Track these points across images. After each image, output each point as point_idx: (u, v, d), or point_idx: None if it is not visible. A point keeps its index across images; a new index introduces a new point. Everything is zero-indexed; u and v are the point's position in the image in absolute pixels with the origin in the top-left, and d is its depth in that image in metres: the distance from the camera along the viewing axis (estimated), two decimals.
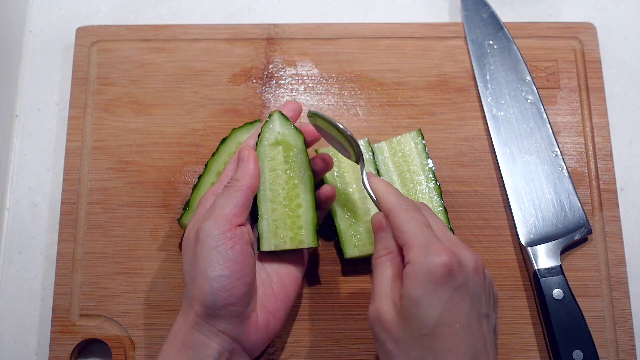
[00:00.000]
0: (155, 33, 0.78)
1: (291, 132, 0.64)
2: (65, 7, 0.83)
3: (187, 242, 0.60)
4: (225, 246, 0.57)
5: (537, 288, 0.67)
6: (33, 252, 0.73)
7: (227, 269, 0.57)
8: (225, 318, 0.57)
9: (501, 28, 0.77)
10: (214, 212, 0.59)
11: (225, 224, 0.58)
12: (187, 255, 0.59)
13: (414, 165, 0.70)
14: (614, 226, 0.71)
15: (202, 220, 0.59)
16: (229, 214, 0.58)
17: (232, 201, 0.59)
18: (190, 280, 0.58)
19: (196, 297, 0.57)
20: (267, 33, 0.78)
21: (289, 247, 0.62)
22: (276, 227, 0.62)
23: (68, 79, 0.78)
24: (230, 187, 0.60)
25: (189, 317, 0.58)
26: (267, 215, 0.62)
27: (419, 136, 0.71)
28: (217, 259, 0.57)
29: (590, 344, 0.65)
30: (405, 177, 0.70)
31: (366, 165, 0.69)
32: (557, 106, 0.76)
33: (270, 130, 0.64)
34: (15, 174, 0.76)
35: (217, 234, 0.57)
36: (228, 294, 0.57)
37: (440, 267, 0.52)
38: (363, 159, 0.63)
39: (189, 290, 0.58)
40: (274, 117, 0.64)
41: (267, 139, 0.64)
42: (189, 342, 0.57)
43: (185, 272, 0.60)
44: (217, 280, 0.56)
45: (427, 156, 0.70)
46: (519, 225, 0.70)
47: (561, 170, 0.72)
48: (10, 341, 0.71)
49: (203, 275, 0.57)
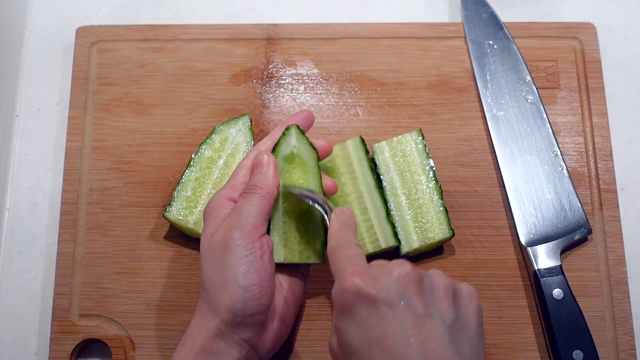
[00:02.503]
0: (155, 33, 0.78)
1: (306, 148, 0.64)
2: (65, 7, 0.83)
3: (211, 248, 0.59)
4: (255, 255, 0.57)
5: (537, 288, 0.67)
6: (33, 252, 0.73)
7: (258, 278, 0.57)
8: (250, 326, 0.57)
9: (501, 28, 0.77)
10: (240, 220, 0.58)
11: (254, 232, 0.58)
12: (211, 261, 0.58)
13: (414, 165, 0.70)
14: (614, 226, 0.71)
15: (230, 228, 0.58)
16: (256, 222, 0.58)
17: (257, 209, 0.59)
18: (217, 288, 0.57)
19: (224, 304, 0.56)
20: (267, 33, 0.78)
21: (297, 261, 0.62)
22: (286, 239, 0.62)
23: (68, 79, 0.78)
24: (253, 194, 0.59)
25: (212, 324, 0.57)
26: (279, 227, 0.62)
27: (419, 136, 0.71)
28: (248, 267, 0.57)
29: (590, 344, 0.65)
30: (406, 177, 0.70)
31: (363, 165, 0.69)
32: (557, 106, 0.76)
33: (287, 143, 0.64)
34: (15, 174, 0.76)
35: (248, 242, 0.57)
36: (257, 302, 0.57)
37: (342, 292, 0.51)
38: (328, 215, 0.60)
39: (213, 297, 0.57)
40: (292, 130, 0.64)
41: (283, 152, 0.64)
42: (209, 349, 0.57)
43: (206, 278, 0.59)
44: (249, 289, 0.56)
45: (428, 156, 0.70)
46: (519, 225, 0.70)
47: (561, 170, 0.72)
48: (10, 341, 0.71)
49: (234, 284, 0.56)
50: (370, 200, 0.68)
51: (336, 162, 0.70)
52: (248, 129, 0.71)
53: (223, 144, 0.70)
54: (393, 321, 0.49)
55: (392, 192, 0.69)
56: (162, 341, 0.68)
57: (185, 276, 0.70)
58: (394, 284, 0.50)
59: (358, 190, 0.69)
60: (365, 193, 0.68)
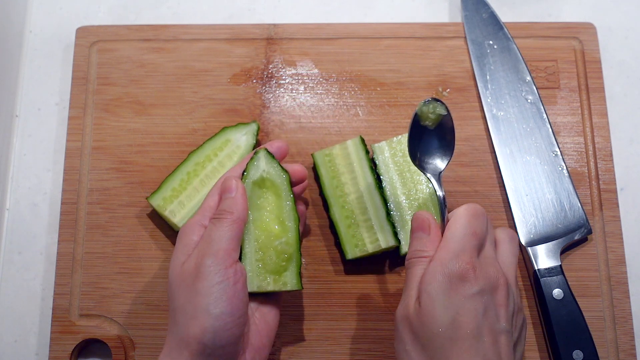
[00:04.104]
0: (155, 33, 0.78)
1: (277, 171, 0.63)
2: (65, 7, 0.83)
3: (182, 277, 0.57)
4: (228, 282, 0.55)
5: (537, 288, 0.67)
6: (33, 252, 0.73)
7: (230, 307, 0.55)
8: (220, 357, 0.55)
9: (501, 28, 0.77)
10: (211, 246, 0.56)
11: (227, 258, 0.56)
12: (181, 290, 0.56)
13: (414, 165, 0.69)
14: (614, 226, 0.71)
15: (201, 255, 0.56)
16: (227, 248, 0.57)
17: (227, 234, 0.57)
18: (187, 318, 0.55)
19: (194, 335, 0.54)
20: (267, 33, 0.78)
21: (272, 289, 0.60)
22: (259, 267, 0.61)
23: (68, 79, 0.78)
24: (223, 220, 0.58)
25: (181, 359, 0.55)
26: (251, 254, 0.60)
27: None
28: (220, 295, 0.55)
29: (590, 344, 0.65)
30: (406, 177, 0.70)
31: (363, 165, 0.69)
32: (557, 106, 0.76)
33: (256, 167, 0.62)
34: (15, 174, 0.76)
35: (220, 269, 0.55)
36: (229, 333, 0.55)
37: (456, 271, 0.55)
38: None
39: (182, 328, 0.55)
40: (260, 154, 0.63)
41: (252, 176, 0.62)
42: None
43: (176, 308, 0.56)
44: (220, 318, 0.54)
45: None
46: (519, 225, 0.70)
47: (561, 170, 0.72)
48: (10, 341, 0.71)
49: (205, 312, 0.54)
50: (370, 200, 0.68)
51: (336, 162, 0.70)
52: (252, 135, 0.71)
53: (224, 145, 0.70)
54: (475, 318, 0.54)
55: (392, 192, 0.69)
56: (162, 341, 0.67)
57: None
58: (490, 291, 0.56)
59: (358, 190, 0.69)
60: (365, 193, 0.68)
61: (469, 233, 0.57)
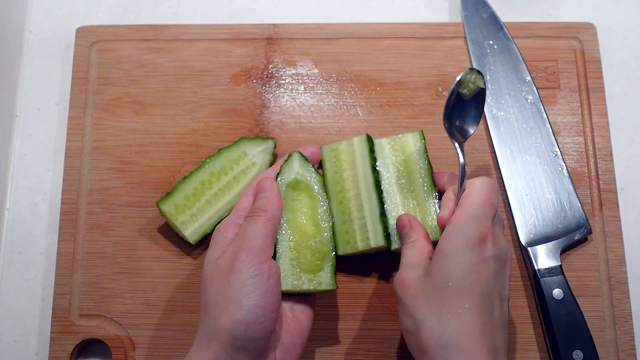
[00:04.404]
0: (155, 33, 0.78)
1: (310, 173, 0.64)
2: (65, 7, 0.83)
3: (216, 271, 0.58)
4: (262, 277, 0.56)
5: (537, 288, 0.68)
6: (33, 252, 0.73)
7: (263, 300, 0.55)
8: (250, 352, 0.55)
9: (501, 28, 0.77)
10: (246, 242, 0.57)
11: (261, 255, 0.57)
12: (214, 284, 0.57)
13: (412, 164, 0.69)
14: (614, 226, 0.71)
15: (236, 251, 0.57)
16: (262, 245, 0.58)
17: (262, 231, 0.58)
18: (219, 309, 0.56)
19: (225, 326, 0.55)
20: (267, 33, 0.78)
21: (306, 288, 0.61)
22: (294, 266, 0.61)
23: (68, 79, 0.78)
24: (258, 217, 0.59)
25: (210, 351, 0.55)
26: (286, 254, 0.61)
27: (420, 137, 0.70)
28: (253, 288, 0.55)
29: (590, 344, 0.65)
30: (402, 175, 0.69)
31: (365, 163, 0.69)
32: (557, 106, 0.76)
33: (290, 169, 0.64)
34: (15, 174, 0.76)
35: (254, 264, 0.56)
36: (261, 327, 0.55)
37: (476, 233, 0.57)
38: None
39: (213, 320, 0.56)
40: (294, 157, 0.65)
41: (286, 178, 0.64)
42: None
43: (208, 301, 0.57)
44: (252, 311, 0.55)
45: (427, 157, 0.69)
46: (519, 225, 0.70)
47: (561, 170, 0.72)
48: (10, 341, 0.71)
49: (237, 304, 0.55)
50: (367, 199, 0.67)
51: (341, 157, 0.70)
52: (269, 153, 0.71)
53: (240, 158, 0.70)
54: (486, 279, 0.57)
55: (388, 189, 0.69)
56: (162, 341, 0.68)
57: (185, 276, 0.70)
58: (503, 260, 0.59)
59: (357, 188, 0.68)
60: (364, 191, 0.68)
61: (488, 202, 0.60)
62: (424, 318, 0.56)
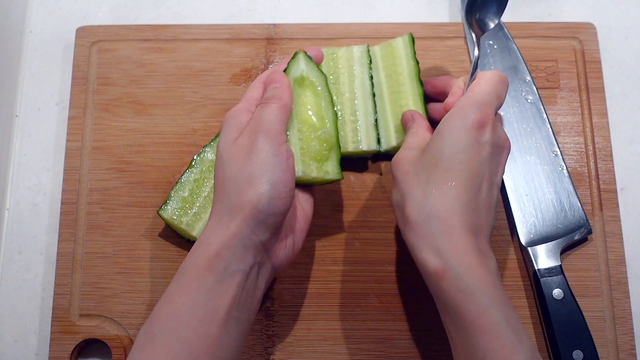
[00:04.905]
0: (155, 33, 0.78)
1: (315, 71, 0.66)
2: (65, 7, 0.83)
3: (235, 150, 0.58)
4: (282, 156, 0.57)
5: (537, 288, 0.68)
6: (33, 252, 0.73)
7: (284, 177, 0.57)
8: (269, 227, 0.56)
9: (501, 28, 0.77)
10: (264, 125, 0.58)
11: (279, 137, 0.58)
12: (234, 162, 0.57)
13: (401, 67, 0.72)
14: (614, 226, 0.71)
15: (254, 132, 0.58)
16: (278, 128, 0.59)
17: (277, 117, 0.59)
18: (241, 185, 0.56)
19: (249, 199, 0.55)
20: (267, 33, 0.78)
21: (315, 175, 0.63)
22: (303, 154, 0.63)
23: (68, 79, 0.78)
24: (272, 104, 0.60)
25: (232, 224, 0.56)
26: (295, 142, 0.63)
27: (409, 40, 0.73)
28: (275, 166, 0.56)
29: (590, 344, 0.65)
30: (392, 79, 0.72)
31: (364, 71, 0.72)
32: (557, 106, 0.76)
33: (296, 67, 0.65)
34: (15, 174, 0.76)
35: (274, 144, 0.57)
36: (282, 202, 0.56)
37: (476, 118, 0.58)
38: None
39: (235, 195, 0.56)
40: (299, 55, 0.65)
41: (293, 73, 0.64)
42: (224, 254, 0.55)
43: (227, 178, 0.57)
44: (275, 187, 0.56)
45: (415, 60, 0.72)
46: (519, 225, 0.70)
47: (561, 170, 0.72)
48: (10, 341, 0.71)
49: (261, 179, 0.56)
50: (362, 105, 0.71)
51: (339, 62, 0.72)
52: None
53: None
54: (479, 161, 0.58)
55: (378, 93, 0.72)
56: None
57: None
58: (500, 146, 0.61)
59: (353, 92, 0.71)
60: (360, 97, 0.71)
61: (495, 92, 0.61)
62: (410, 190, 0.59)
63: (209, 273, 0.55)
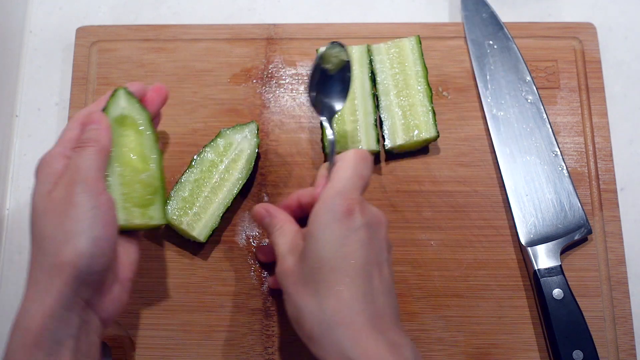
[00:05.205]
0: (155, 33, 0.78)
1: (137, 109, 0.63)
2: (65, 7, 0.83)
3: (50, 206, 0.54)
4: (102, 208, 0.54)
5: (537, 288, 0.68)
6: None
7: (105, 231, 0.54)
8: (92, 286, 0.54)
9: (501, 28, 0.77)
10: (80, 174, 0.55)
11: (96, 186, 0.55)
12: (49, 218, 0.54)
13: (408, 67, 0.73)
14: (614, 226, 0.71)
15: (71, 183, 0.55)
16: (95, 177, 0.56)
17: (95, 164, 0.56)
18: (58, 244, 0.53)
19: (68, 260, 0.52)
20: (267, 33, 0.78)
21: (139, 222, 0.60)
22: (125, 200, 0.60)
23: (68, 79, 0.78)
24: (88, 148, 0.57)
25: (52, 288, 0.52)
26: (117, 189, 0.60)
27: (416, 42, 0.74)
28: (95, 220, 0.53)
29: (590, 344, 0.65)
30: (398, 79, 0.73)
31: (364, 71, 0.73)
32: (557, 106, 0.76)
33: (116, 105, 0.62)
34: (15, 174, 0.76)
35: (92, 196, 0.54)
36: (104, 258, 0.54)
37: (342, 207, 0.56)
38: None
39: (52, 256, 0.53)
40: (119, 92, 0.62)
41: (112, 112, 0.62)
42: (48, 323, 0.52)
43: (44, 237, 0.54)
44: (96, 243, 0.53)
45: (423, 61, 0.73)
46: (519, 225, 0.70)
47: (561, 170, 0.72)
48: None
49: (80, 236, 0.52)
50: (362, 104, 0.72)
51: None
52: (254, 136, 0.71)
53: (227, 149, 0.70)
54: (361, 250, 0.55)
55: (384, 91, 0.72)
56: (162, 341, 0.68)
57: (185, 276, 0.70)
58: (375, 226, 0.58)
59: (352, 92, 0.72)
60: (360, 97, 0.72)
61: (356, 175, 0.59)
62: (304, 303, 0.55)
63: (37, 350, 0.51)
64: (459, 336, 0.68)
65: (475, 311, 0.69)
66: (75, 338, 0.53)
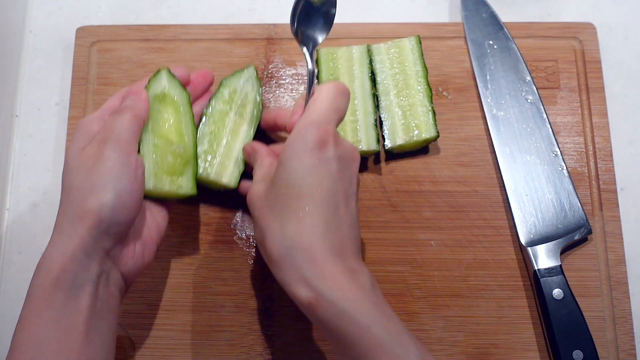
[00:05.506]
0: (155, 33, 0.78)
1: (177, 89, 0.65)
2: (65, 7, 0.83)
3: (82, 160, 0.57)
4: (130, 166, 0.57)
5: (537, 288, 0.68)
6: (33, 252, 0.73)
7: (130, 186, 0.56)
8: (113, 236, 0.56)
9: (501, 28, 0.77)
10: (114, 134, 0.58)
11: (128, 147, 0.58)
12: (80, 172, 0.56)
13: (408, 67, 0.73)
14: (614, 226, 0.71)
15: (103, 141, 0.57)
16: (128, 138, 0.58)
17: (129, 127, 0.58)
18: (84, 193, 0.55)
19: (91, 208, 0.54)
20: (267, 33, 0.78)
21: (167, 189, 0.62)
22: (156, 167, 0.62)
23: (68, 79, 0.78)
24: (125, 114, 0.59)
25: (74, 235, 0.54)
26: (149, 155, 0.62)
27: (417, 42, 0.74)
28: (121, 174, 0.56)
29: (590, 344, 0.65)
30: (398, 79, 0.73)
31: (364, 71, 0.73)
32: (557, 106, 0.76)
33: (158, 83, 0.64)
34: (15, 174, 0.76)
35: (122, 154, 0.57)
36: (126, 211, 0.56)
37: (315, 137, 0.56)
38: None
39: (77, 205, 0.55)
40: (162, 73, 0.65)
41: (154, 89, 0.64)
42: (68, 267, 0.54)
43: (72, 187, 0.56)
44: (120, 195, 0.55)
45: (423, 61, 0.73)
46: (519, 225, 0.70)
47: (561, 170, 0.72)
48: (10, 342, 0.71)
49: (104, 188, 0.55)
50: (362, 104, 0.71)
51: (339, 62, 0.73)
52: (255, 78, 0.71)
53: (232, 96, 0.70)
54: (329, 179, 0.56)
55: (384, 91, 0.72)
56: (162, 341, 0.68)
57: (185, 276, 0.70)
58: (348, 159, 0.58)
59: (352, 92, 0.72)
60: (360, 97, 0.72)
61: (332, 107, 0.59)
62: (267, 225, 0.56)
63: (57, 290, 0.53)
64: (459, 336, 0.68)
65: (475, 311, 0.69)
66: (94, 284, 0.55)
